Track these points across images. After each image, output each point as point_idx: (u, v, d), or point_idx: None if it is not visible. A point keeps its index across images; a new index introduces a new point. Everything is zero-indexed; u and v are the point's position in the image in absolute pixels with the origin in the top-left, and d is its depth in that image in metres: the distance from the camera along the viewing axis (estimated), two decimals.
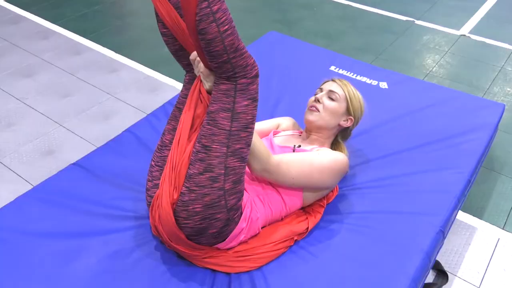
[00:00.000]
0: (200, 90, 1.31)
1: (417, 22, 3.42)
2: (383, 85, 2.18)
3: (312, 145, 1.59)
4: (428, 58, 3.00)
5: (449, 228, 1.60)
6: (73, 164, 1.69)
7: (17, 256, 1.35)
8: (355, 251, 1.40)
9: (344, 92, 1.61)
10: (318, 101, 1.60)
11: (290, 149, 1.53)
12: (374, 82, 2.20)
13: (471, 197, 1.99)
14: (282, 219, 1.48)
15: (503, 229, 1.88)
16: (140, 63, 2.90)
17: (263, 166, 1.35)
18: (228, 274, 1.35)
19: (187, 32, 1.30)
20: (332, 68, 2.30)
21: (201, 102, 1.31)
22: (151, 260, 1.37)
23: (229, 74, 1.21)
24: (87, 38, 3.15)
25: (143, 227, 1.47)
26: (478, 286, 1.66)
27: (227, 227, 1.30)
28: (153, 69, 2.84)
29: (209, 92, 1.30)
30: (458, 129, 1.89)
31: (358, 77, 2.23)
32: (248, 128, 1.26)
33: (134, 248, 1.40)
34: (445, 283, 1.63)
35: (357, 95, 1.64)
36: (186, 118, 1.31)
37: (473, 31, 3.30)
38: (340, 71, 2.27)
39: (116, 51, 3.02)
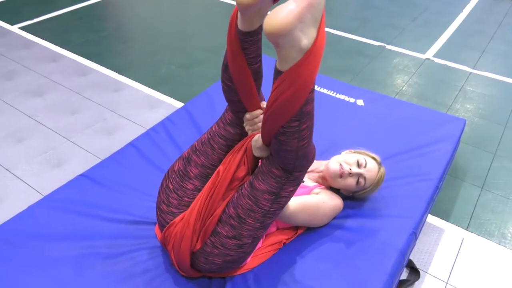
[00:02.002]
0: (246, 153, 1.19)
1: (388, 47, 3.47)
2: (360, 102, 2.20)
3: (314, 182, 1.55)
4: (398, 78, 3.04)
5: (420, 230, 1.61)
6: (80, 175, 1.67)
7: (29, 259, 1.33)
8: (337, 251, 1.40)
9: (368, 186, 1.50)
10: (350, 174, 1.45)
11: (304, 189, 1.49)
12: (352, 100, 2.22)
13: (439, 201, 2.01)
14: None
15: (466, 230, 1.90)
16: (140, 83, 2.89)
17: (280, 215, 1.31)
18: (223, 277, 1.33)
19: (253, 97, 1.18)
20: (315, 87, 2.31)
21: (244, 165, 1.20)
22: (152, 263, 1.35)
23: (288, 168, 1.09)
24: (92, 61, 3.14)
25: (146, 232, 1.46)
26: (446, 281, 1.67)
27: (235, 269, 1.30)
28: (152, 89, 2.83)
29: (256, 159, 1.20)
30: (426, 141, 1.91)
31: (338, 95, 2.25)
32: (283, 207, 1.18)
33: (136, 252, 1.39)
34: (417, 279, 1.64)
35: (374, 190, 1.53)
36: (225, 176, 1.19)
37: (437, 55, 3.35)
38: (322, 90, 2.28)
39: (119, 72, 3.01)
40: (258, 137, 1.16)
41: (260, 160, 1.22)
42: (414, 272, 1.66)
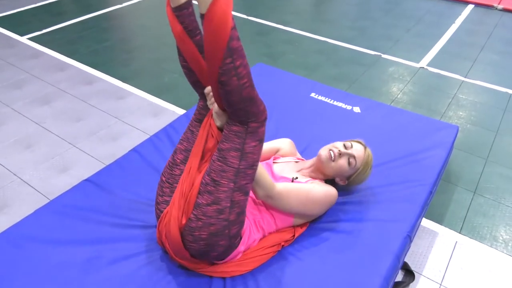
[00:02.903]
0: (211, 125, 1.28)
1: (384, 56, 3.48)
2: (357, 109, 2.21)
3: (307, 178, 1.57)
4: (393, 86, 3.05)
5: (415, 233, 1.61)
6: (85, 180, 1.67)
7: (35, 262, 1.33)
8: (334, 255, 1.40)
9: (360, 166, 1.56)
10: (340, 154, 1.53)
11: (289, 180, 1.51)
12: (349, 107, 2.22)
13: (433, 206, 2.01)
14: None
15: (459, 233, 1.90)
16: (144, 91, 2.90)
17: (267, 193, 1.33)
18: (223, 278, 1.33)
19: (204, 69, 1.28)
20: (312, 94, 2.32)
21: (212, 136, 1.28)
22: (155, 265, 1.35)
23: (242, 119, 1.18)
24: (98, 70, 3.15)
25: (149, 235, 1.46)
26: (440, 283, 1.67)
27: (227, 251, 1.29)
28: (156, 96, 2.84)
29: (219, 129, 1.27)
30: (420, 147, 1.92)
31: (335, 103, 2.25)
32: (253, 166, 1.23)
33: (139, 255, 1.39)
34: (412, 281, 1.64)
35: (366, 173, 1.58)
36: (197, 150, 1.28)
37: (430, 64, 3.37)
38: (319, 97, 2.29)
39: (123, 81, 3.02)
40: (215, 105, 1.24)
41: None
42: (409, 274, 1.66)
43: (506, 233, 1.90)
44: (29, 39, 3.58)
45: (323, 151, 1.56)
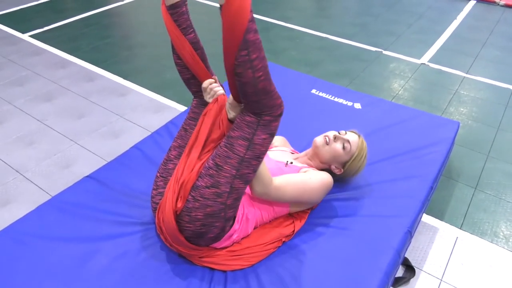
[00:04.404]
0: (222, 117, 1.27)
1: (385, 52, 3.47)
2: (357, 105, 2.21)
3: (302, 164, 1.58)
4: (394, 82, 3.04)
5: (415, 229, 1.61)
6: (87, 176, 1.67)
7: (37, 257, 1.33)
8: (335, 250, 1.40)
9: (355, 151, 1.57)
10: (334, 138, 1.56)
11: (283, 164, 1.51)
12: (350, 103, 2.22)
13: (433, 201, 2.01)
14: (270, 222, 1.48)
15: (460, 229, 1.90)
16: (145, 88, 2.90)
17: (264, 190, 1.33)
18: (224, 271, 1.33)
19: (200, 65, 1.31)
20: (313, 91, 2.32)
21: (219, 128, 1.28)
22: (156, 260, 1.36)
23: (256, 111, 1.17)
24: (99, 67, 3.15)
25: (149, 231, 1.46)
26: (440, 278, 1.67)
27: (223, 232, 1.29)
28: (157, 93, 2.84)
29: (230, 121, 1.27)
30: (421, 143, 1.91)
31: (336, 99, 2.25)
32: (259, 158, 1.22)
33: (140, 250, 1.39)
34: (412, 276, 1.64)
35: (361, 161, 1.59)
36: (200, 138, 1.28)
37: (432, 60, 3.35)
38: (320, 94, 2.29)
39: (124, 78, 3.02)
40: (230, 97, 1.25)
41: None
42: (410, 269, 1.66)
43: (507, 229, 1.90)
44: (31, 36, 3.59)
45: (318, 138, 1.59)
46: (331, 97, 2.27)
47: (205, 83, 1.32)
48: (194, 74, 1.36)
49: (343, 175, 1.62)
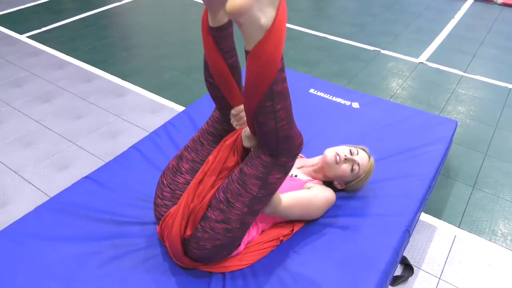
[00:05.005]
0: (236, 144, 1.21)
1: (383, 51, 3.47)
2: (355, 105, 2.21)
3: (307, 176, 1.56)
4: (392, 82, 3.05)
5: (414, 228, 1.61)
6: (85, 177, 1.67)
7: (36, 258, 1.33)
8: (333, 249, 1.40)
9: (362, 174, 1.54)
10: (345, 159, 1.51)
11: (288, 176, 1.50)
12: (348, 103, 2.22)
13: (432, 200, 2.01)
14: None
15: (458, 227, 1.90)
16: (143, 88, 2.90)
17: (273, 210, 1.31)
18: (222, 272, 1.33)
19: (234, 91, 1.20)
20: (311, 90, 2.32)
21: (234, 155, 1.22)
22: (155, 261, 1.36)
23: (273, 153, 1.10)
24: (97, 68, 3.15)
25: (148, 232, 1.46)
26: (439, 277, 1.67)
27: (229, 254, 1.30)
28: (155, 93, 2.84)
29: (245, 149, 1.22)
30: (419, 142, 1.92)
31: (334, 98, 2.25)
32: (272, 195, 1.18)
33: (139, 251, 1.39)
34: (411, 275, 1.64)
35: (365, 182, 1.57)
36: (214, 166, 1.22)
37: (429, 59, 3.36)
38: (318, 93, 2.29)
39: (122, 78, 3.02)
40: (246, 127, 1.18)
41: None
42: (408, 268, 1.66)
43: (504, 227, 1.90)
44: (29, 37, 3.58)
45: (329, 153, 1.54)
46: (329, 96, 2.27)
47: (236, 110, 1.23)
48: (225, 96, 1.24)
49: (343, 190, 1.62)
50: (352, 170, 1.52)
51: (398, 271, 1.66)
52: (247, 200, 1.14)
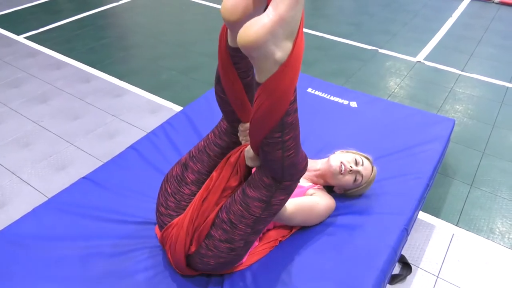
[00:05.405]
0: (239, 163, 1.19)
1: (381, 50, 3.48)
2: (353, 104, 2.21)
3: (309, 182, 1.56)
4: (390, 81, 3.05)
5: (412, 226, 1.61)
6: (83, 177, 1.67)
7: (34, 259, 1.33)
8: (331, 247, 1.41)
9: (363, 184, 1.54)
10: (350, 171, 1.49)
11: None
12: (346, 102, 2.22)
13: (430, 199, 2.02)
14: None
15: (456, 225, 1.91)
16: (141, 89, 2.90)
17: (277, 217, 1.32)
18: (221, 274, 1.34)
19: (246, 107, 1.16)
20: (309, 90, 2.32)
21: (237, 174, 1.19)
22: (153, 262, 1.36)
23: (277, 177, 1.08)
24: (95, 68, 3.15)
25: (146, 232, 1.46)
26: (437, 275, 1.68)
27: (232, 267, 1.30)
28: (153, 94, 2.84)
29: (248, 168, 1.19)
30: (417, 141, 1.92)
31: (332, 97, 2.25)
32: (275, 215, 1.17)
33: (137, 251, 1.39)
34: (409, 274, 1.64)
35: (365, 190, 1.57)
36: (217, 185, 1.19)
37: (427, 58, 3.37)
38: (316, 93, 2.29)
39: (120, 79, 3.02)
40: (249, 147, 1.15)
41: (253, 169, 1.21)
42: (406, 267, 1.66)
43: (502, 225, 1.91)
44: (26, 38, 3.58)
45: (334, 161, 1.52)
46: (327, 96, 2.27)
47: (244, 127, 1.21)
48: (235, 111, 1.20)
49: (342, 195, 1.62)
50: (355, 180, 1.52)
51: (396, 269, 1.67)
52: (250, 222, 1.14)
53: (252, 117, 0.96)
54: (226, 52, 1.05)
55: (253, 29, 0.78)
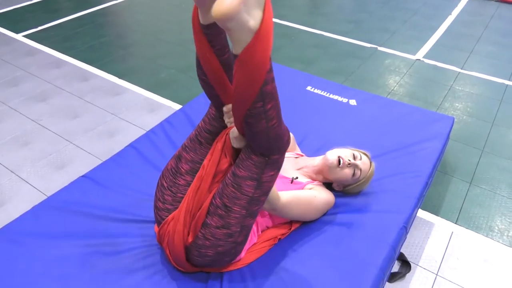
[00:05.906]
0: (226, 145, 1.21)
1: (380, 48, 3.48)
2: (353, 102, 2.21)
3: (308, 178, 1.56)
4: (390, 79, 3.05)
5: (411, 224, 1.61)
6: (82, 176, 1.67)
7: (33, 257, 1.33)
8: (331, 246, 1.41)
9: (362, 179, 1.55)
10: (348, 164, 1.50)
11: (289, 180, 1.50)
12: (345, 100, 2.22)
13: (429, 197, 2.02)
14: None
15: (455, 223, 1.91)
16: (140, 87, 2.89)
17: (272, 206, 1.31)
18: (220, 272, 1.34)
19: (227, 88, 1.18)
20: (309, 88, 2.32)
21: (225, 157, 1.21)
22: (152, 260, 1.36)
23: (264, 152, 1.11)
24: (94, 66, 3.14)
25: (145, 230, 1.46)
26: (436, 273, 1.68)
27: (231, 260, 1.30)
28: (151, 92, 2.84)
29: (236, 150, 1.21)
30: (416, 139, 1.92)
31: (331, 96, 2.25)
32: (268, 193, 1.18)
33: (136, 249, 1.39)
34: (408, 271, 1.65)
35: (364, 186, 1.58)
36: (208, 171, 1.21)
37: (426, 56, 3.36)
38: (316, 91, 2.29)
39: (119, 77, 3.01)
40: (234, 128, 1.17)
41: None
42: (405, 264, 1.67)
43: (501, 223, 1.91)
44: (25, 36, 3.57)
45: (331, 156, 1.53)
46: (326, 94, 2.27)
47: (228, 108, 1.23)
48: (218, 93, 1.23)
49: (341, 191, 1.62)
50: (353, 174, 1.52)
51: (396, 267, 1.67)
52: (244, 202, 1.14)
53: (233, 92, 0.99)
54: (201, 31, 1.09)
55: (227, 1, 0.82)
